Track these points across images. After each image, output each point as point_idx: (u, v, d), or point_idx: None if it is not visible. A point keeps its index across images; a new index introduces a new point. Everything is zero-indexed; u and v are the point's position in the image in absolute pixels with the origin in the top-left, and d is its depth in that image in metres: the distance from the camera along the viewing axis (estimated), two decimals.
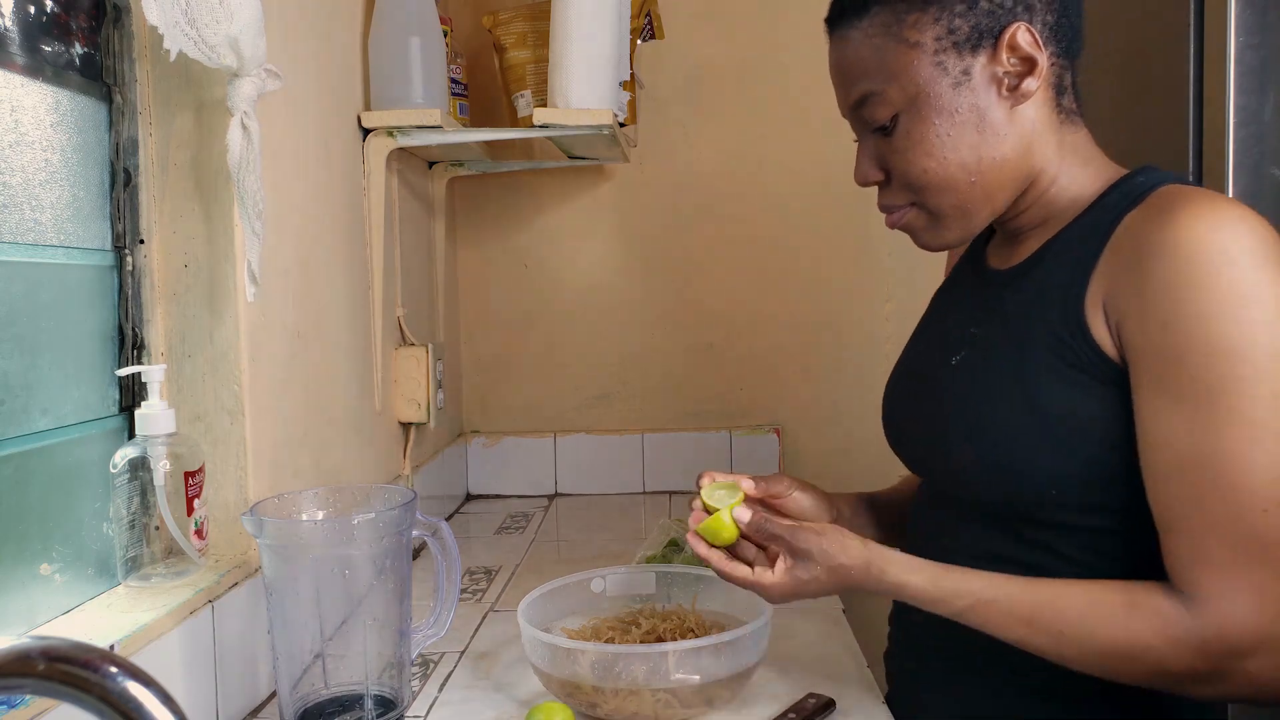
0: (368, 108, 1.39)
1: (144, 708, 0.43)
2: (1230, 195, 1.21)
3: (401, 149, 1.45)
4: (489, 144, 1.64)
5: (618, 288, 1.96)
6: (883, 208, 0.89)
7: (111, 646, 0.75)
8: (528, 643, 0.94)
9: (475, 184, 1.94)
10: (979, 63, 0.81)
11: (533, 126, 1.44)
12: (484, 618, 1.24)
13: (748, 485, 0.93)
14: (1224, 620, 0.70)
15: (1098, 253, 0.79)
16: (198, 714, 0.88)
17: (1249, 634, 0.70)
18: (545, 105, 1.45)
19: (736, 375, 1.95)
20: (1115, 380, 0.77)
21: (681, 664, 0.89)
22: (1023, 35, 0.80)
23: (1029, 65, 0.80)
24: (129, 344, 0.95)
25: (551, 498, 1.93)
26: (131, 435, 0.92)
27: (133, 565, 0.89)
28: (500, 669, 1.06)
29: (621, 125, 1.53)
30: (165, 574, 0.89)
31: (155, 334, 0.96)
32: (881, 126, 0.84)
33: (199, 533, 0.90)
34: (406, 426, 1.54)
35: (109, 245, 0.93)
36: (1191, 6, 1.25)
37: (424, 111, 1.35)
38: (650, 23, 1.71)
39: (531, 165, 1.86)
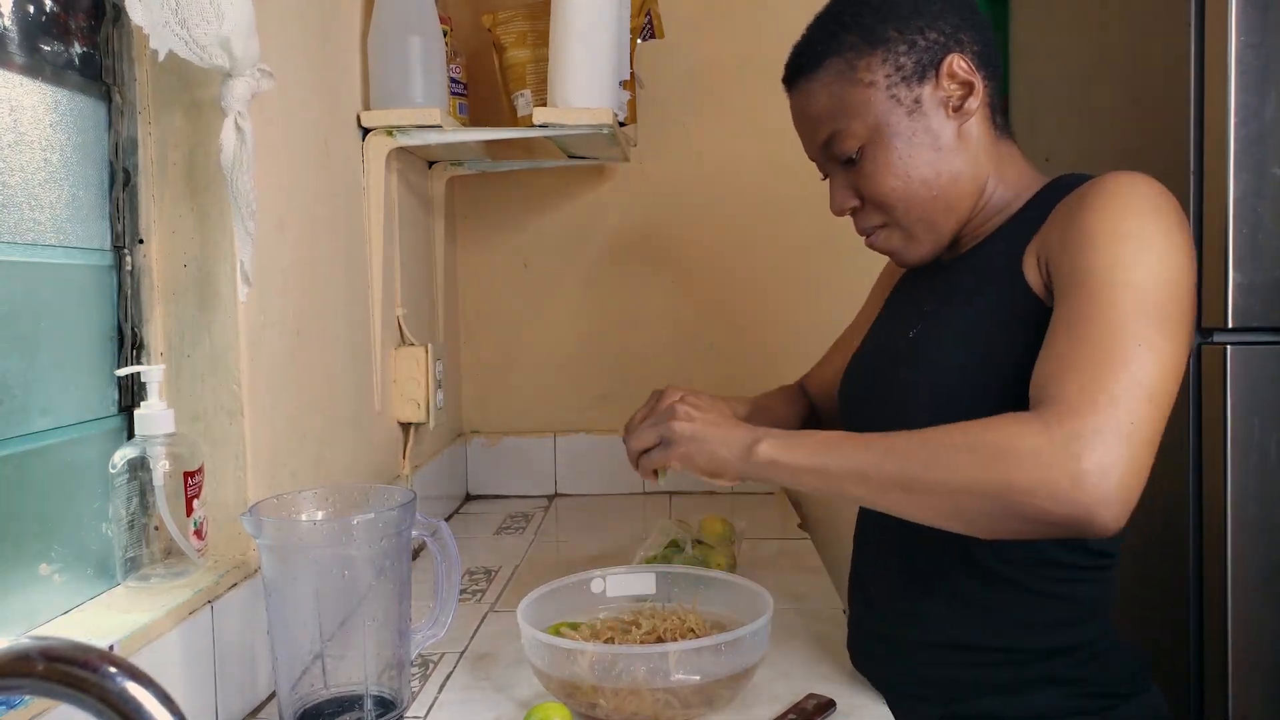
0: (367, 107, 1.38)
1: (143, 708, 0.43)
2: (1231, 195, 1.21)
3: (401, 148, 1.45)
4: (488, 143, 1.64)
5: (618, 288, 1.95)
6: (861, 231, 1.00)
7: (111, 647, 0.75)
8: (527, 643, 0.94)
9: (475, 183, 1.94)
10: (926, 91, 0.92)
11: (532, 126, 1.43)
12: (484, 618, 1.23)
13: None
14: (1067, 408, 0.73)
15: (1036, 228, 0.89)
16: (197, 714, 0.88)
17: (1088, 422, 0.71)
18: (545, 104, 1.44)
19: (737, 375, 1.94)
20: (1045, 317, 0.83)
21: (682, 664, 0.89)
22: (959, 63, 0.91)
23: (968, 88, 0.92)
24: (128, 344, 0.94)
25: (551, 498, 1.93)
26: (131, 435, 0.92)
27: (132, 565, 0.89)
28: (500, 669, 1.06)
29: (621, 125, 1.53)
30: (164, 574, 0.89)
31: (154, 334, 0.96)
32: (849, 159, 0.95)
33: (198, 533, 0.90)
34: (406, 426, 1.53)
35: (108, 245, 0.93)
36: (1191, 6, 1.25)
37: (423, 111, 1.35)
38: (650, 22, 1.71)
39: (531, 165, 1.86)
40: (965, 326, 0.90)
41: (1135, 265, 0.78)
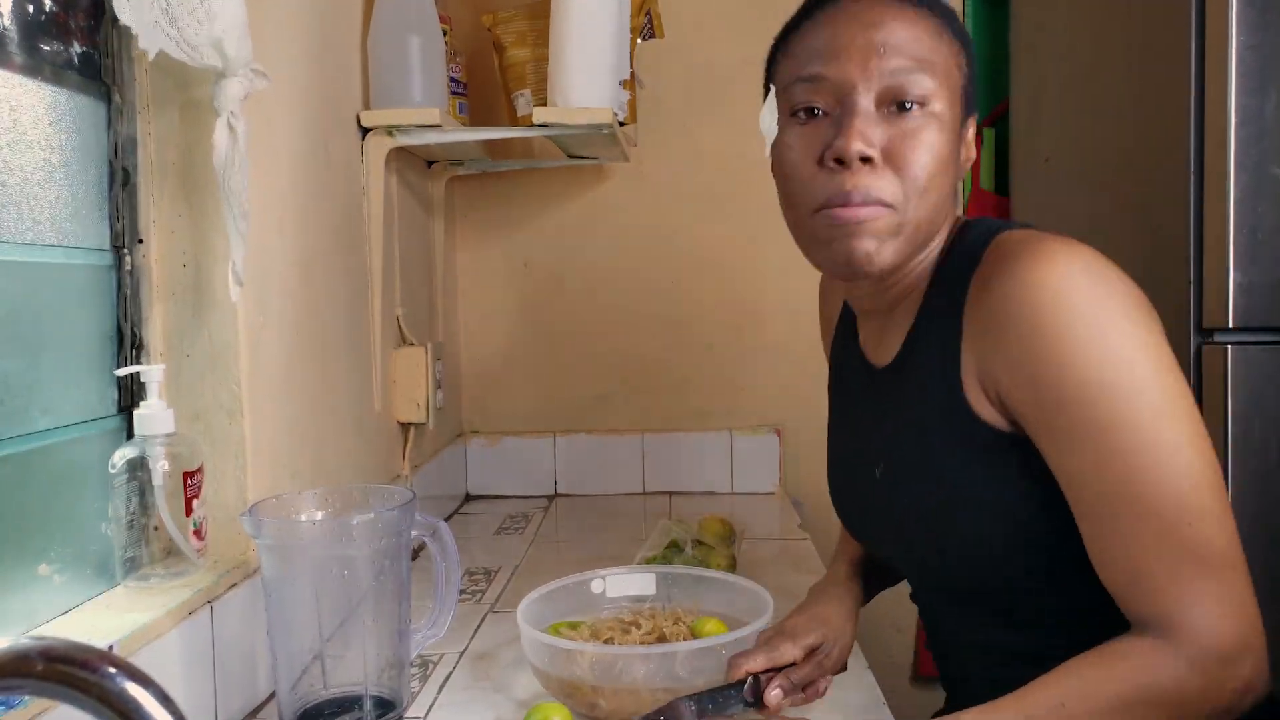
0: (367, 107, 1.38)
1: (143, 708, 0.43)
2: (1230, 195, 1.21)
3: (401, 148, 1.45)
4: (488, 143, 1.64)
5: (618, 288, 1.95)
6: (860, 190, 0.80)
7: (110, 647, 0.75)
8: (527, 643, 0.94)
9: (474, 183, 1.94)
10: (963, 121, 0.86)
11: (532, 125, 1.43)
12: (483, 618, 1.23)
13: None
14: (1202, 636, 0.72)
15: (959, 326, 0.82)
16: (196, 715, 0.88)
17: (1228, 640, 0.72)
18: (545, 104, 1.44)
19: (736, 375, 1.94)
20: (1007, 446, 0.79)
21: (682, 664, 0.89)
22: (972, 130, 0.88)
23: (969, 160, 0.88)
24: (128, 344, 0.94)
25: (551, 498, 1.93)
26: (130, 435, 0.92)
27: (131, 565, 0.89)
28: (500, 670, 1.06)
29: (621, 124, 1.53)
30: (164, 574, 0.89)
31: (154, 334, 0.96)
32: (905, 104, 0.80)
33: (198, 533, 0.90)
34: (406, 426, 1.53)
35: (108, 245, 0.93)
36: (1192, 6, 1.25)
37: (423, 110, 1.35)
38: (650, 22, 1.71)
39: (531, 165, 1.86)
40: (924, 470, 0.85)
41: (1120, 411, 0.72)
